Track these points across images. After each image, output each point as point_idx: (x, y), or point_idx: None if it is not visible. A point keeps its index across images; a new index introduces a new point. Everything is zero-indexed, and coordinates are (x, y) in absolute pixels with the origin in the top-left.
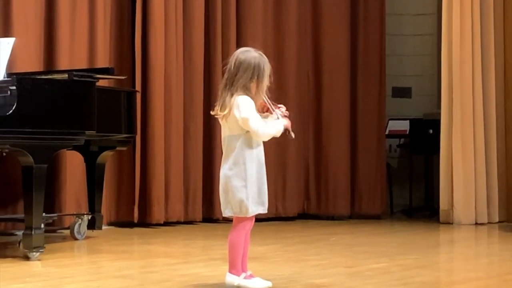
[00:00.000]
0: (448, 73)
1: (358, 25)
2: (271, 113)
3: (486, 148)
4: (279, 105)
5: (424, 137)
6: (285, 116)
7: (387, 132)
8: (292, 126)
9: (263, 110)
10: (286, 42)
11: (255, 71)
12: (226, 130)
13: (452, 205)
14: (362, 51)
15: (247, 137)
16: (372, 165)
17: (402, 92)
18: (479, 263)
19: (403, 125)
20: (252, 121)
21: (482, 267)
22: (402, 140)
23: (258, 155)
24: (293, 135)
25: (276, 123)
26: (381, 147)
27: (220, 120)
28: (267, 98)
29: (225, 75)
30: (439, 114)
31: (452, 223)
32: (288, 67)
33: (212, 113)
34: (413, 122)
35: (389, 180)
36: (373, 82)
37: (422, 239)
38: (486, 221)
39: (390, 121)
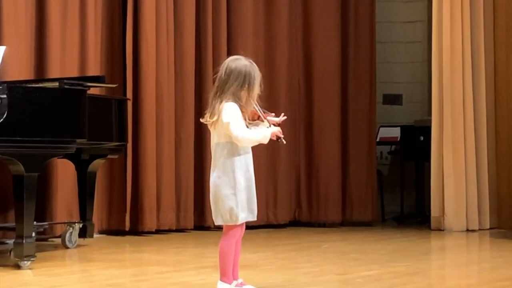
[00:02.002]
0: (438, 80)
1: (348, 33)
2: (262, 121)
3: (476, 155)
4: (271, 113)
5: (415, 144)
6: (279, 124)
7: (378, 139)
8: (282, 133)
9: (254, 118)
10: (276, 50)
11: (245, 79)
12: (215, 138)
13: (443, 212)
14: (353, 59)
15: (235, 144)
16: (363, 172)
17: (393, 99)
18: (470, 270)
19: (394, 132)
20: (232, 125)
21: (474, 274)
22: (393, 147)
23: (246, 162)
24: (284, 141)
25: (262, 130)
26: (372, 154)
27: (209, 127)
28: (258, 106)
29: (216, 83)
30: (430, 121)
31: (443, 230)
32: (279, 75)
33: (202, 120)
34: (404, 129)
35: (380, 187)
36: (364, 89)
37: (413, 246)
38: (477, 227)
39: (381, 128)
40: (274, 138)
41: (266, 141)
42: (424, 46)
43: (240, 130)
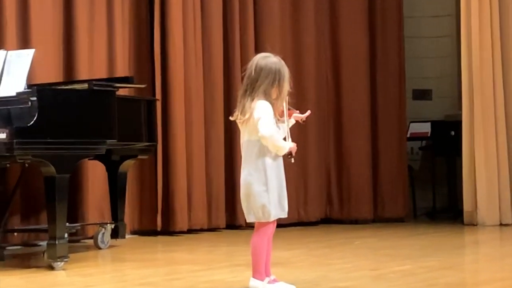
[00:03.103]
0: (468, 74)
1: (376, 28)
2: (289, 118)
3: (508, 148)
4: (296, 110)
5: (446, 139)
6: (303, 120)
7: (408, 135)
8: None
9: (281, 115)
10: (304, 47)
11: (276, 77)
12: (245, 135)
13: (475, 207)
14: (381, 54)
15: None
16: (394, 168)
17: (422, 94)
18: (504, 263)
19: (425, 127)
20: (262, 122)
21: (508, 268)
22: (424, 142)
23: (277, 159)
24: (293, 160)
25: (286, 142)
26: (402, 149)
27: (239, 125)
28: (286, 103)
29: (245, 81)
30: (460, 115)
31: (476, 225)
32: (307, 71)
33: (231, 118)
34: (435, 124)
35: (412, 182)
36: (393, 84)
37: (446, 241)
38: (510, 221)
39: (411, 124)
40: (286, 153)
41: (282, 153)
42: (452, 41)
43: (269, 129)
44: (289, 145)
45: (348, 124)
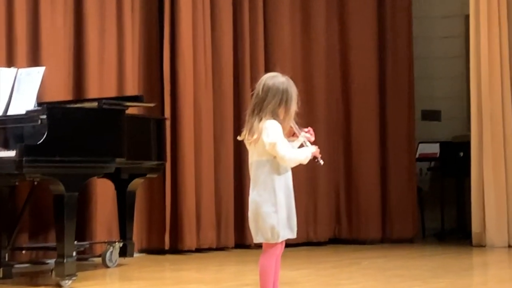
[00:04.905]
0: (477, 95)
1: (386, 48)
2: (297, 137)
3: None
4: (305, 129)
5: (455, 160)
6: (310, 139)
7: (417, 156)
8: (321, 151)
9: (290, 135)
10: (314, 66)
11: (283, 97)
12: (254, 155)
13: (484, 228)
14: (391, 74)
15: (276, 162)
16: (403, 188)
17: (431, 115)
18: None
19: (433, 148)
20: (279, 146)
21: None
22: (433, 163)
23: (286, 180)
24: (321, 162)
25: (305, 150)
26: (411, 170)
27: (247, 145)
28: (294, 123)
29: (253, 100)
30: (469, 136)
31: (485, 246)
32: (317, 91)
33: (239, 138)
34: (443, 145)
35: (421, 203)
36: (402, 105)
37: (455, 262)
38: None
39: (420, 144)
40: (312, 158)
41: (307, 162)
42: (462, 61)
43: (287, 150)
44: (310, 150)
45: (357, 144)
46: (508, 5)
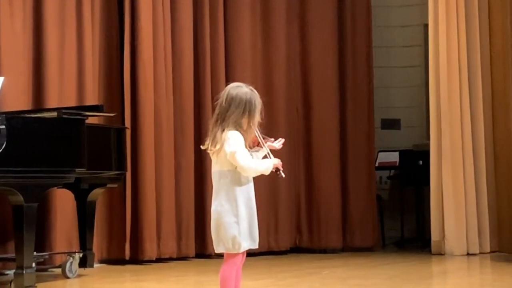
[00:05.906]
0: (436, 103)
1: (346, 58)
2: (262, 147)
3: (475, 178)
4: (270, 139)
5: (414, 168)
6: (278, 149)
7: (377, 164)
8: (282, 161)
9: (254, 145)
10: (275, 76)
11: (246, 107)
12: (216, 165)
13: (443, 236)
14: (351, 84)
15: (237, 173)
16: (363, 197)
17: (391, 124)
18: None
19: (393, 157)
20: (238, 155)
21: None
22: (392, 171)
23: (248, 190)
24: (283, 174)
25: (266, 161)
26: (371, 179)
27: (211, 155)
28: (258, 133)
29: (216, 110)
30: (429, 145)
31: (444, 254)
32: (278, 101)
33: (202, 147)
34: (403, 153)
35: (381, 212)
36: (362, 114)
37: (415, 271)
38: (477, 251)
39: (379, 153)
40: (274, 170)
41: (268, 172)
42: (421, 70)
43: (247, 160)
44: (272, 162)
45: (317, 154)
46: (466, 14)
